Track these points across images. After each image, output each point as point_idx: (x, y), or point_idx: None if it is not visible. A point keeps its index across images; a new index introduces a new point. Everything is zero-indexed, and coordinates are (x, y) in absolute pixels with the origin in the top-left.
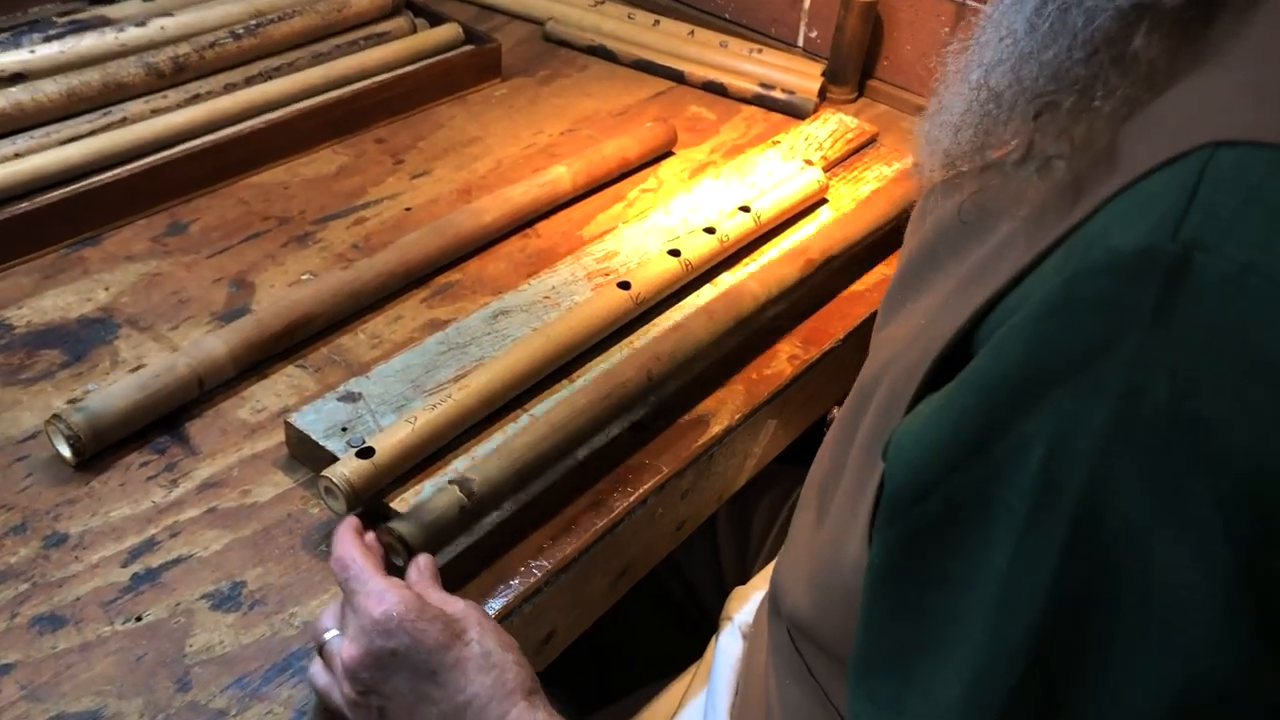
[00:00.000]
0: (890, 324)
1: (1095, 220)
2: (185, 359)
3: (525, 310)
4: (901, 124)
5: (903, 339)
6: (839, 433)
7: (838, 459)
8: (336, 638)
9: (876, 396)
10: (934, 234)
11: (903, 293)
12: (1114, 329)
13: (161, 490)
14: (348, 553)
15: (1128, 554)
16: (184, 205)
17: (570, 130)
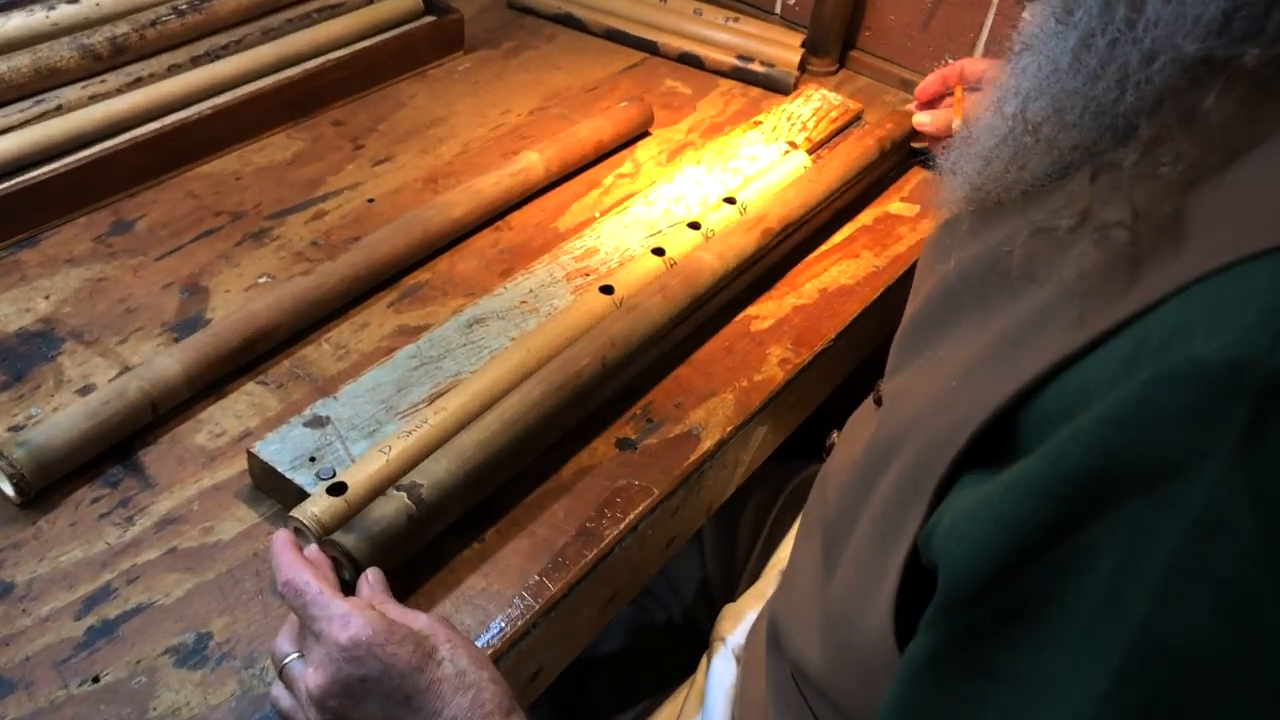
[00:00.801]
0: (906, 371)
1: (1169, 310)
2: (136, 381)
3: (502, 317)
4: (884, 98)
5: (926, 397)
6: (851, 482)
7: (848, 510)
8: (298, 661)
9: (900, 458)
10: (957, 277)
11: (920, 338)
12: (1198, 446)
13: (116, 529)
14: (297, 576)
15: (1191, 679)
16: (128, 200)
17: (540, 109)
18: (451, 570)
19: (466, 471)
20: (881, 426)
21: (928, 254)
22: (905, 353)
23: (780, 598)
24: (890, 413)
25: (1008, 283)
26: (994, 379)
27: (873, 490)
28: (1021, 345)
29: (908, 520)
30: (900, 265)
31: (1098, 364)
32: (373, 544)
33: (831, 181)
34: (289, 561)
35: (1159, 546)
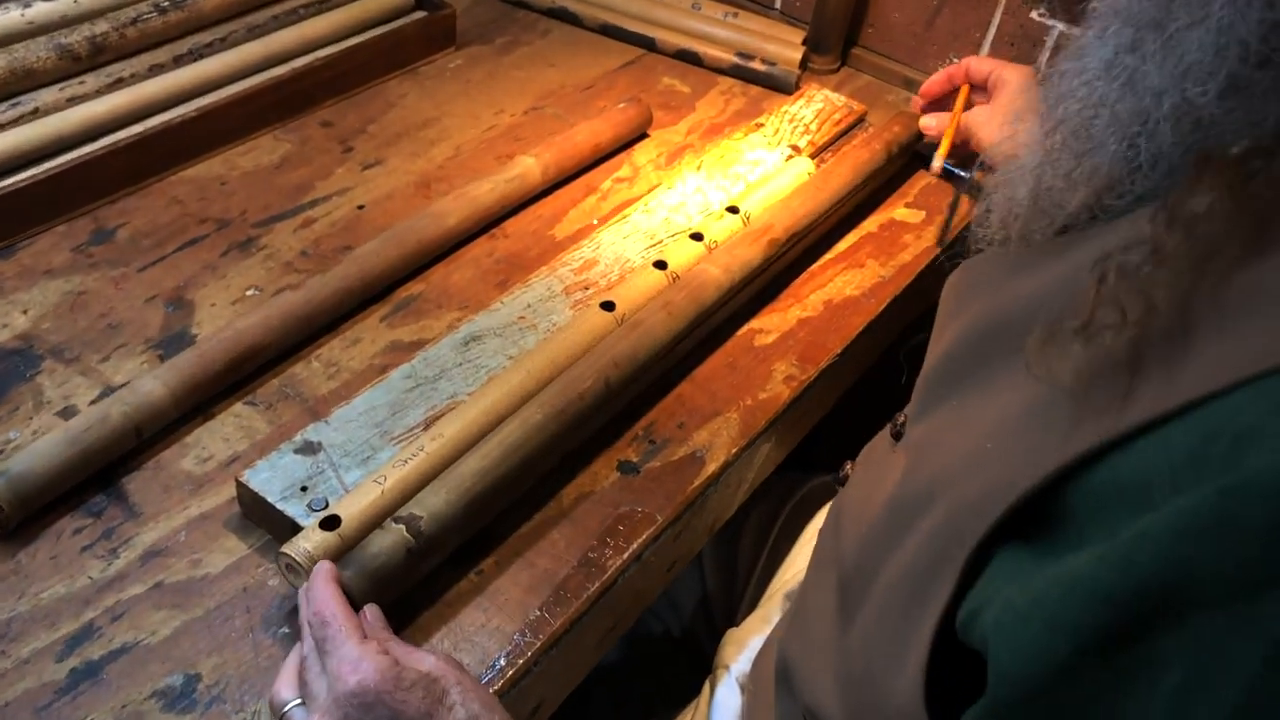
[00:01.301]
0: (931, 418)
1: (1235, 404)
2: (119, 405)
3: (499, 334)
4: (887, 97)
5: (956, 453)
6: (872, 535)
7: (868, 563)
8: (299, 709)
9: (928, 518)
10: (986, 324)
11: (946, 384)
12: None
13: (99, 563)
14: (329, 609)
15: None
16: (109, 207)
17: (534, 108)
18: (448, 604)
19: (466, 502)
20: (907, 479)
21: (951, 296)
22: (930, 398)
23: (791, 638)
24: (916, 465)
25: None
26: (1034, 446)
27: (896, 547)
28: (1065, 413)
29: (937, 589)
30: (906, 275)
31: (1157, 450)
32: (370, 580)
33: (838, 189)
34: (326, 595)
35: (1235, 668)
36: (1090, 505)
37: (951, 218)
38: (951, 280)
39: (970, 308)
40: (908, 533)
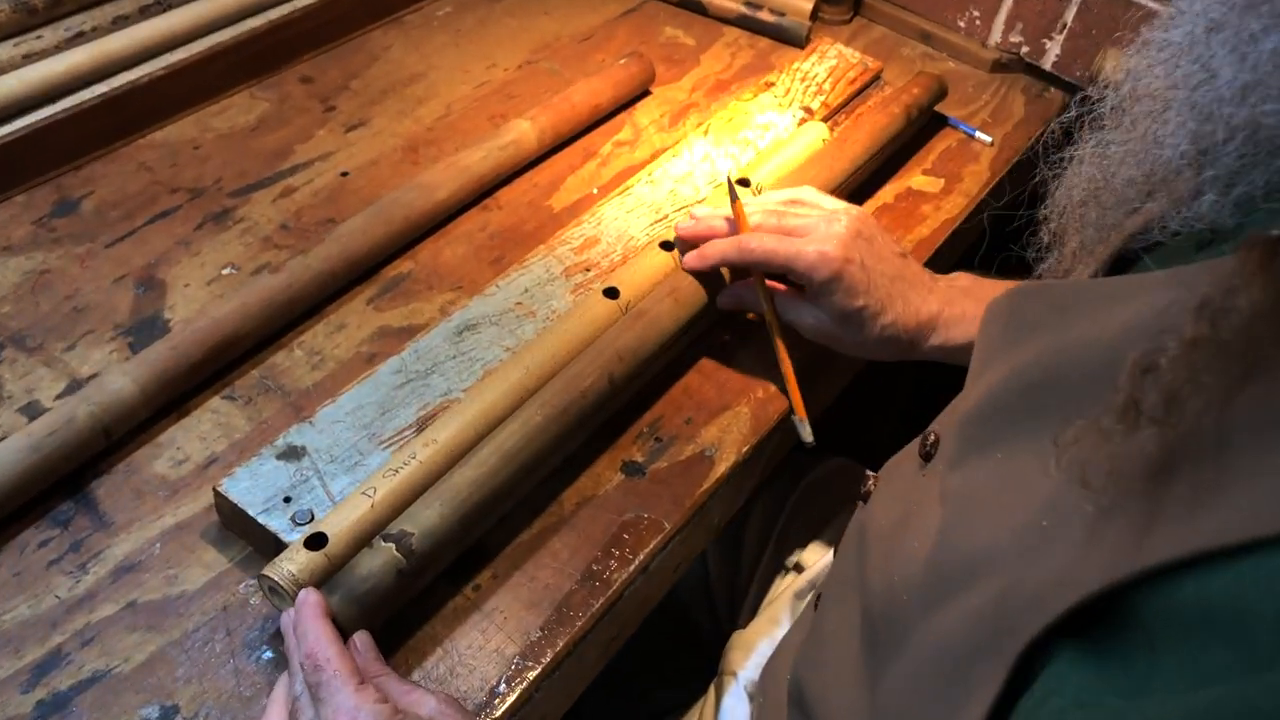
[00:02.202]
0: (975, 468)
1: None
2: (86, 405)
3: (495, 323)
4: (903, 51)
5: (1006, 527)
6: (904, 585)
7: (899, 616)
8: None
9: (973, 594)
10: (1040, 371)
11: (990, 430)
12: None
13: (67, 579)
14: (322, 651)
15: None
16: (73, 175)
17: (528, 62)
18: (443, 621)
19: (461, 516)
20: (948, 538)
21: (997, 325)
22: (971, 443)
23: (809, 661)
24: (959, 523)
25: None
26: (1102, 540)
27: (933, 613)
28: (1139, 504)
29: (983, 678)
30: (924, 251)
31: (1258, 578)
32: (359, 605)
33: (855, 157)
34: (317, 633)
35: None
36: (1168, 621)
37: None
38: (999, 306)
39: (1023, 347)
40: (948, 602)
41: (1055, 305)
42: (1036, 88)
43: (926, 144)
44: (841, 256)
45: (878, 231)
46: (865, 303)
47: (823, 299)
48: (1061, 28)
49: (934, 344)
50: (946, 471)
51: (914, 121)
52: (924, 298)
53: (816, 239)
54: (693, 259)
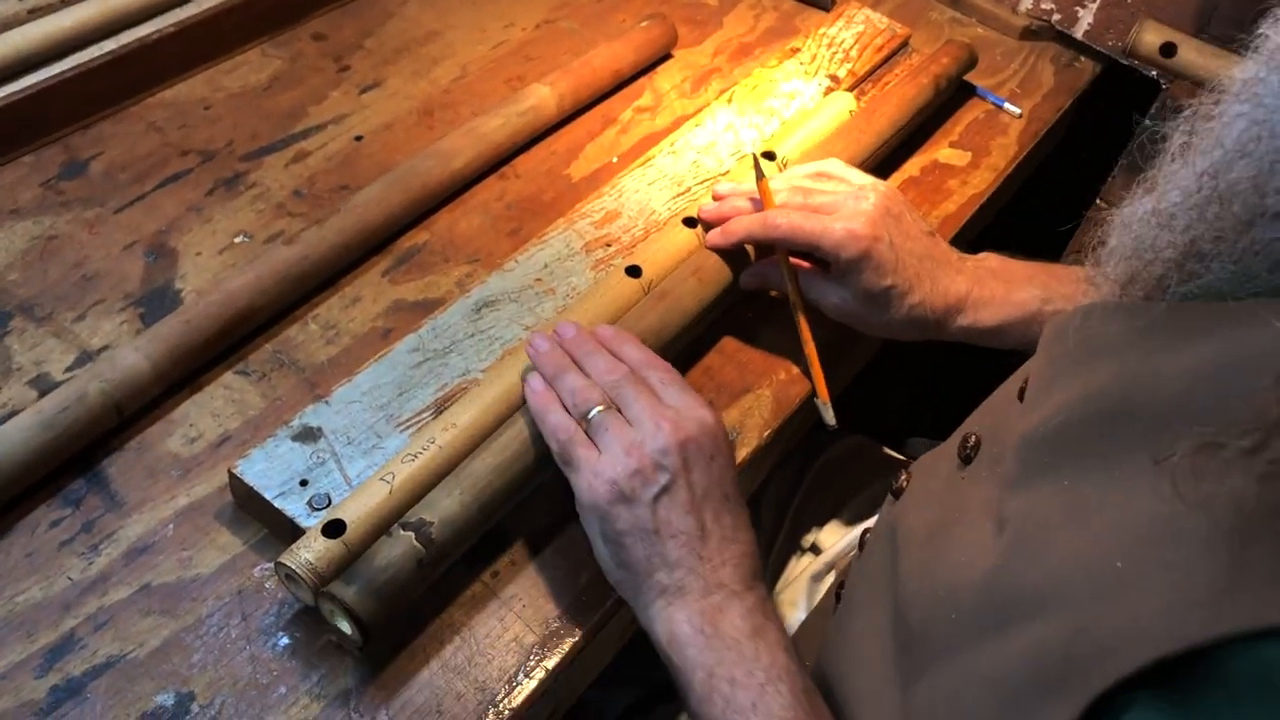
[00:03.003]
0: (1039, 492)
1: None
2: (97, 381)
3: (514, 300)
4: (930, 15)
5: (1077, 563)
6: (948, 601)
7: (939, 630)
8: (610, 414)
9: (1036, 628)
10: (1120, 399)
11: (1057, 455)
12: None
13: (79, 561)
14: (649, 356)
15: None
16: (81, 134)
17: (547, 21)
18: (461, 609)
19: (481, 504)
20: (1011, 566)
21: (1061, 344)
22: (1035, 466)
23: (832, 658)
24: (1022, 551)
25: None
26: (1186, 591)
27: (987, 639)
28: (1227, 557)
29: (1044, 713)
30: (950, 227)
31: None
32: (378, 597)
33: (883, 129)
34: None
35: None
36: (1256, 680)
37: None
38: (1067, 323)
39: (1095, 369)
40: (1006, 630)
41: (1135, 329)
42: (1067, 56)
43: (954, 115)
44: (870, 234)
45: (906, 208)
46: (893, 282)
47: (849, 277)
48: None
49: (962, 325)
50: (1007, 492)
51: (942, 92)
52: (952, 278)
53: (844, 216)
54: (716, 236)
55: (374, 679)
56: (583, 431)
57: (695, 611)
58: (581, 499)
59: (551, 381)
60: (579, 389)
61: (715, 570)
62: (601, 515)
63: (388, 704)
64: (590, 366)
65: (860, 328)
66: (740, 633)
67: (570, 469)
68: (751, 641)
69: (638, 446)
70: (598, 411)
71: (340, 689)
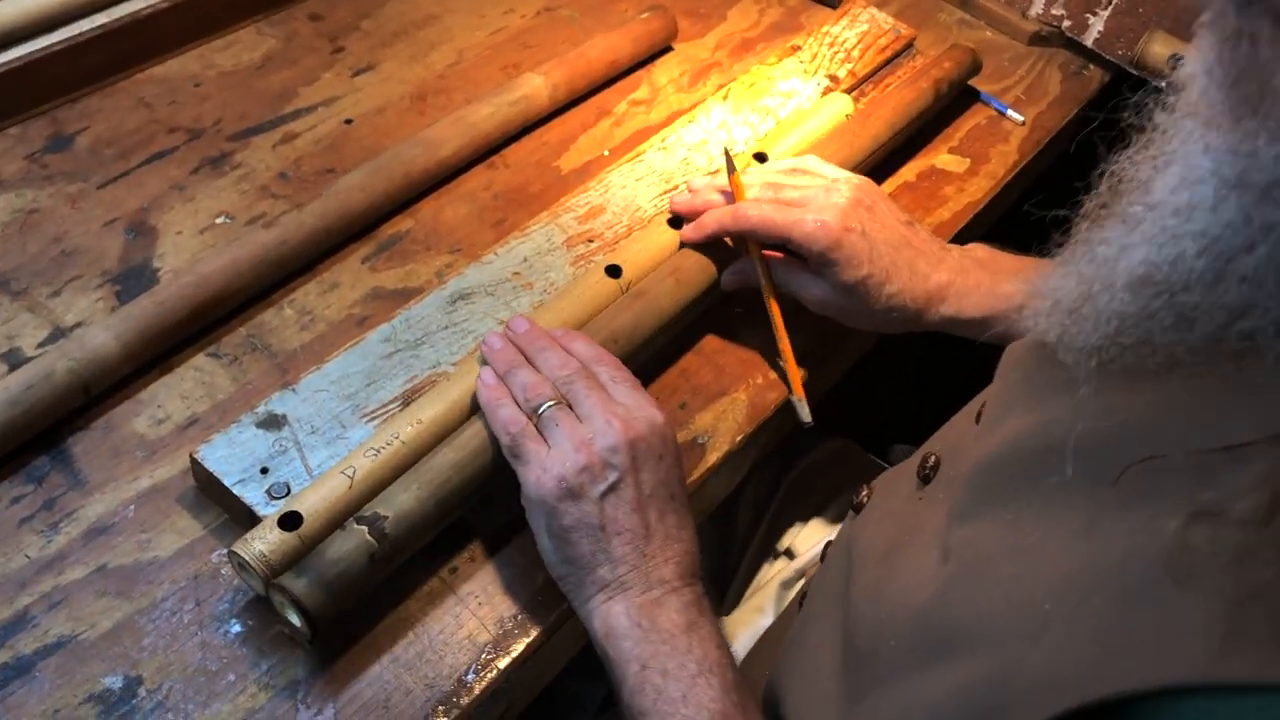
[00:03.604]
0: (982, 523)
1: None
2: (65, 360)
3: (491, 293)
4: (939, 16)
5: (1009, 601)
6: (889, 628)
7: (883, 652)
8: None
9: (966, 665)
10: (1063, 438)
11: (1002, 486)
12: None
13: (38, 539)
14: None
15: None
16: (69, 108)
17: (547, 9)
18: (417, 604)
19: (439, 500)
20: (949, 597)
21: (1020, 373)
22: (982, 496)
23: (787, 672)
24: (961, 584)
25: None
26: (1110, 639)
27: (921, 668)
28: (1154, 615)
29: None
30: (943, 234)
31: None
32: (328, 590)
33: (878, 133)
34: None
35: None
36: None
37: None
38: (1024, 351)
39: (1046, 402)
40: (938, 663)
41: (1090, 370)
42: (1075, 64)
43: (955, 120)
44: (841, 226)
45: (880, 199)
46: (869, 271)
47: (824, 269)
48: (1108, 2)
49: (944, 314)
50: (954, 521)
51: (943, 97)
52: (933, 266)
53: (815, 208)
54: (690, 231)
55: (324, 671)
56: (533, 426)
57: (634, 606)
58: (529, 493)
59: (503, 376)
60: (530, 384)
61: (657, 567)
62: (549, 510)
63: (335, 697)
64: (542, 362)
65: (843, 320)
66: (675, 626)
67: (519, 463)
68: (685, 635)
69: (587, 443)
70: (548, 407)
71: (289, 679)
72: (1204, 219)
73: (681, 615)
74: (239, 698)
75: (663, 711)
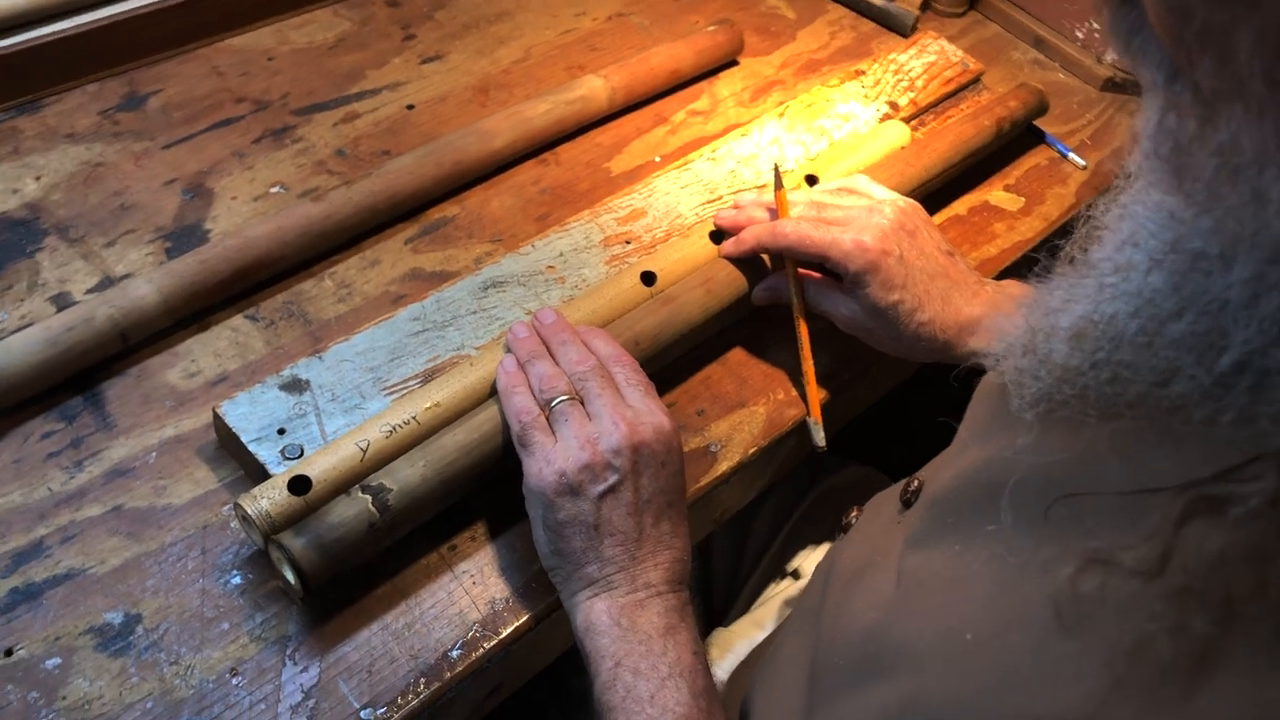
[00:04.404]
0: (933, 553)
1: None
2: (106, 308)
3: (523, 283)
4: (1012, 54)
5: (935, 630)
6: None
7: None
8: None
9: (886, 689)
10: (1003, 476)
11: (955, 518)
12: None
13: (62, 474)
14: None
15: None
16: (146, 70)
17: (619, 14)
18: (412, 577)
19: (444, 479)
20: (887, 621)
21: (985, 407)
22: (937, 524)
23: (758, 682)
24: (901, 609)
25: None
26: (1010, 681)
27: (857, 687)
28: (1043, 663)
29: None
30: (987, 271)
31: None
32: (323, 552)
33: (931, 164)
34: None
35: None
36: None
37: None
38: (991, 386)
39: (1002, 436)
40: (869, 685)
41: (1035, 414)
42: None
43: (1016, 158)
44: (879, 248)
45: (924, 225)
46: (900, 297)
47: (857, 290)
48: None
49: (974, 348)
50: (909, 547)
51: (1004, 135)
52: (968, 299)
53: (855, 228)
54: (729, 246)
55: (315, 630)
56: (544, 418)
57: (616, 605)
58: (529, 483)
59: (523, 365)
60: (547, 375)
61: (645, 572)
62: (546, 503)
63: (322, 656)
64: (562, 355)
65: (870, 342)
66: (654, 629)
67: (525, 452)
68: (662, 639)
69: (592, 442)
70: (561, 401)
71: (280, 634)
72: (1138, 280)
73: (662, 619)
74: (230, 646)
75: (629, 709)
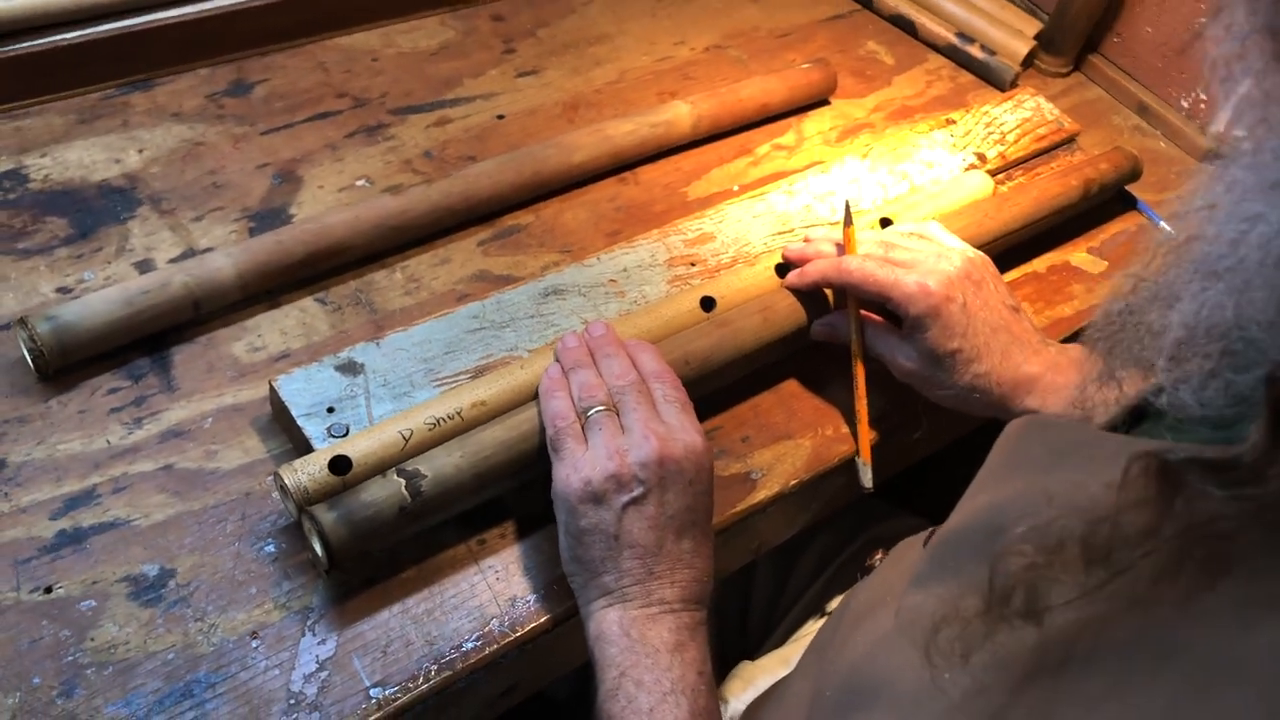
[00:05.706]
0: (926, 589)
1: None
2: (183, 277)
3: (583, 294)
4: (1113, 119)
5: (903, 670)
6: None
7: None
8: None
9: (864, 711)
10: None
11: (954, 559)
12: None
13: (121, 429)
14: (668, 372)
15: None
16: (256, 60)
17: (717, 46)
18: (438, 566)
19: (478, 472)
20: (872, 654)
21: (1000, 452)
22: (938, 566)
23: (767, 711)
24: (888, 642)
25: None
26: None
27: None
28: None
29: None
30: (1059, 331)
31: None
32: (352, 529)
33: (1011, 219)
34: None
35: None
36: None
37: None
38: (1011, 430)
39: (1009, 482)
40: (848, 715)
41: (1053, 448)
42: None
43: (1104, 221)
44: (942, 294)
45: (990, 277)
46: (960, 345)
47: (917, 334)
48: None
49: (1029, 406)
50: (910, 588)
51: (1091, 197)
52: (1027, 357)
53: (920, 271)
54: (793, 277)
55: (337, 605)
56: (579, 425)
57: (628, 617)
58: (557, 487)
59: (567, 372)
60: (587, 384)
61: (661, 587)
62: (570, 509)
63: (341, 631)
64: (605, 367)
65: (925, 391)
66: (663, 644)
67: (556, 456)
68: (669, 654)
69: (622, 452)
70: (598, 410)
71: (304, 605)
72: None
73: (672, 635)
74: (255, 610)
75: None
